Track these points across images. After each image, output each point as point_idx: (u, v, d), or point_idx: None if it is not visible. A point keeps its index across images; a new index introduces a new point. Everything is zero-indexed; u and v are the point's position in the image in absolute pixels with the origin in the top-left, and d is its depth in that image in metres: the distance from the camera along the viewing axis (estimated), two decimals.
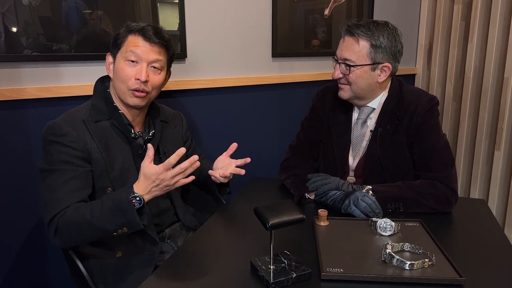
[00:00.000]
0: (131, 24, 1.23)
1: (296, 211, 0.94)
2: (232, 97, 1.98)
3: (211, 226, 1.22)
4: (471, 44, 2.34)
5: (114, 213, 1.07)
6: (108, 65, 1.26)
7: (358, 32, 1.32)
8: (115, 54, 1.23)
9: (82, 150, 1.15)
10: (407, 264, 0.93)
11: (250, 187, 1.55)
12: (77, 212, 1.09)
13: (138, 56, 1.20)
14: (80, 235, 1.11)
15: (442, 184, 1.30)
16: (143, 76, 1.19)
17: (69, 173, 1.13)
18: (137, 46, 1.20)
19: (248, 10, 1.94)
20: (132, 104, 1.22)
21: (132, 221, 1.06)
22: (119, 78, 1.21)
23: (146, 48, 1.20)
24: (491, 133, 2.31)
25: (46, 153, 1.16)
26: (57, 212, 1.09)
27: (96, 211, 1.08)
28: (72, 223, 1.08)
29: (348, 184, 1.35)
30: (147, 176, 1.07)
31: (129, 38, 1.21)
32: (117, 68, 1.22)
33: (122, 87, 1.21)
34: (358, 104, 1.45)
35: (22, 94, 1.42)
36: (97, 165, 1.18)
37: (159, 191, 1.09)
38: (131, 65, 1.20)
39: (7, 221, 1.48)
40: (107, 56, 1.26)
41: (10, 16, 1.37)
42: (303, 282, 0.92)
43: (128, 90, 1.21)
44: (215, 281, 0.94)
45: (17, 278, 1.54)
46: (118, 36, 1.23)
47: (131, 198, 1.06)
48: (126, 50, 1.20)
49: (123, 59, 1.21)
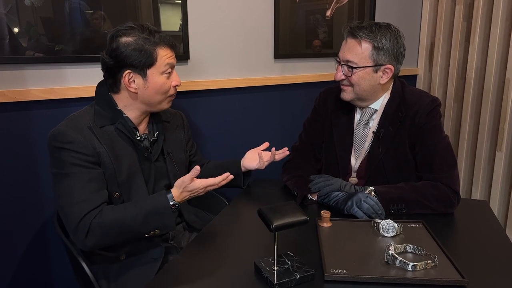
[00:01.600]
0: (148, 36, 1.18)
1: (300, 213, 0.95)
2: (234, 98, 1.98)
3: (214, 227, 1.23)
4: (473, 45, 2.34)
5: (153, 217, 1.13)
6: (130, 83, 1.20)
7: (361, 34, 1.33)
8: (145, 70, 1.19)
9: (92, 155, 1.15)
10: (410, 265, 0.94)
11: (253, 188, 1.55)
12: (115, 215, 1.12)
13: (173, 66, 1.26)
14: (113, 237, 1.14)
15: (444, 185, 1.31)
16: (180, 81, 1.28)
17: (86, 176, 1.13)
18: (171, 57, 1.24)
19: (250, 12, 1.94)
20: (166, 108, 1.31)
21: (168, 225, 1.15)
22: (160, 92, 1.24)
23: (174, 55, 1.26)
24: (492, 134, 2.31)
25: (55, 159, 1.15)
26: (84, 214, 1.10)
27: (133, 214, 1.13)
28: (108, 225, 1.11)
29: (350, 185, 1.36)
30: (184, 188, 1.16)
31: (159, 52, 1.20)
32: (154, 83, 1.21)
33: (161, 98, 1.26)
34: (361, 106, 1.46)
35: (26, 96, 1.43)
36: (106, 169, 1.18)
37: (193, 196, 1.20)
38: (168, 77, 1.25)
39: (12, 221, 1.49)
40: (127, 73, 1.19)
41: (12, 17, 1.38)
42: (306, 283, 0.93)
43: (166, 98, 1.27)
44: (219, 282, 0.94)
45: (21, 279, 1.55)
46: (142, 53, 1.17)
47: (171, 204, 1.15)
48: (163, 64, 1.21)
49: (160, 73, 1.22)
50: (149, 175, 1.29)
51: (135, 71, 1.19)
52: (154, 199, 1.16)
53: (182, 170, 1.39)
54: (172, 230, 1.19)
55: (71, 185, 1.12)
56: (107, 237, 1.13)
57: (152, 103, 1.25)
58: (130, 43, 1.17)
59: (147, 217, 1.12)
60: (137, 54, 1.17)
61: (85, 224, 1.09)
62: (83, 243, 1.11)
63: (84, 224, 1.09)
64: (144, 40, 1.18)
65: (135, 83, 1.21)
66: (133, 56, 1.17)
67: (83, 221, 1.09)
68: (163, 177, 1.33)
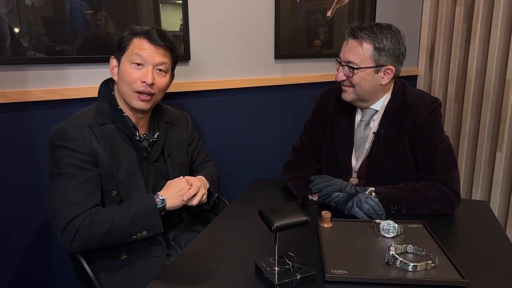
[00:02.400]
0: (135, 27, 1.23)
1: (301, 213, 0.95)
2: (235, 98, 1.99)
3: (215, 228, 1.23)
4: (473, 46, 2.35)
5: (139, 218, 1.14)
6: (112, 68, 1.26)
7: (362, 34, 1.33)
8: (119, 57, 1.24)
9: (90, 154, 1.16)
10: (410, 266, 0.94)
11: (253, 188, 1.55)
12: (100, 217, 1.11)
13: (143, 59, 1.21)
14: (101, 239, 1.13)
15: (444, 186, 1.31)
16: (149, 79, 1.20)
17: (79, 177, 1.14)
18: (143, 49, 1.20)
19: (251, 12, 1.94)
20: (137, 107, 1.24)
21: (154, 226, 1.15)
22: (125, 81, 1.21)
23: (151, 51, 1.21)
24: (493, 135, 2.31)
25: (53, 157, 1.17)
26: (74, 216, 1.10)
27: (119, 215, 1.12)
28: (95, 227, 1.10)
29: (351, 185, 1.36)
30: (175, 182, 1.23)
31: (134, 41, 1.21)
32: (122, 71, 1.22)
33: (127, 90, 1.22)
34: (361, 106, 1.46)
35: (27, 96, 1.43)
36: (103, 169, 1.19)
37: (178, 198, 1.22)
38: (136, 68, 1.21)
39: (12, 221, 1.49)
40: (111, 59, 1.27)
41: (13, 17, 1.38)
42: (307, 283, 0.93)
43: (133, 93, 1.22)
44: (220, 282, 0.94)
45: (22, 280, 1.55)
46: (122, 39, 1.24)
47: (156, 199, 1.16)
48: (132, 53, 1.21)
49: (128, 62, 1.21)
50: (149, 175, 1.29)
51: (115, 57, 1.26)
52: (141, 200, 1.17)
53: (183, 171, 1.39)
54: (159, 231, 1.18)
55: (65, 185, 1.13)
56: (94, 239, 1.12)
57: (122, 94, 1.24)
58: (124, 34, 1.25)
59: (133, 218, 1.13)
60: (118, 42, 1.25)
61: (73, 226, 1.09)
62: (69, 245, 1.11)
63: (73, 226, 1.09)
64: (131, 29, 1.23)
65: (115, 71, 1.26)
66: (116, 44, 1.25)
67: (72, 223, 1.09)
68: (163, 178, 1.33)
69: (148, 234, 1.16)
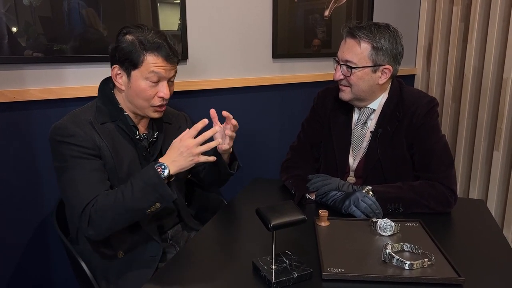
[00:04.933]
0: (145, 40, 1.17)
1: (298, 212, 0.95)
2: (233, 98, 1.99)
3: (212, 227, 1.23)
4: (470, 45, 2.36)
5: (146, 190, 1.09)
6: (115, 76, 1.22)
7: (360, 34, 1.33)
8: (129, 70, 1.19)
9: (93, 148, 1.16)
10: (407, 264, 0.95)
11: (252, 187, 1.56)
12: (108, 198, 1.11)
13: (161, 77, 1.20)
14: (114, 221, 1.12)
15: (441, 184, 1.31)
16: (167, 94, 1.22)
17: (88, 166, 1.14)
18: (160, 67, 1.18)
19: (249, 11, 1.95)
20: (154, 117, 1.26)
21: (164, 194, 1.09)
22: (141, 97, 1.21)
23: (167, 68, 1.20)
24: (490, 134, 2.32)
25: (56, 153, 1.17)
26: (87, 203, 1.10)
27: (127, 193, 1.10)
28: (104, 210, 1.10)
29: (348, 184, 1.37)
30: (173, 146, 1.13)
31: (147, 58, 1.17)
32: (136, 86, 1.20)
33: (144, 104, 1.22)
34: (359, 106, 1.46)
35: (25, 96, 1.43)
36: (106, 163, 1.19)
37: (184, 160, 1.12)
38: (153, 85, 1.20)
39: (10, 221, 1.49)
40: (114, 68, 1.22)
41: (10, 16, 1.38)
42: (304, 282, 0.93)
43: (150, 107, 1.23)
44: (217, 281, 0.95)
45: (21, 278, 1.55)
46: (131, 53, 1.17)
47: (157, 168, 1.10)
48: (148, 71, 1.17)
49: (143, 79, 1.19)
50: None
51: (121, 68, 1.21)
52: (142, 172, 1.13)
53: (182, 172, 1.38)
54: (171, 199, 1.12)
55: (74, 177, 1.13)
56: (108, 221, 1.11)
57: (136, 106, 1.24)
58: (126, 40, 1.18)
59: (140, 192, 1.09)
60: (126, 52, 1.18)
61: (86, 213, 1.10)
62: (87, 232, 1.12)
63: (85, 213, 1.10)
64: (140, 41, 1.17)
65: (122, 80, 1.23)
66: (122, 53, 1.18)
67: (85, 210, 1.10)
68: None
69: (162, 205, 1.12)
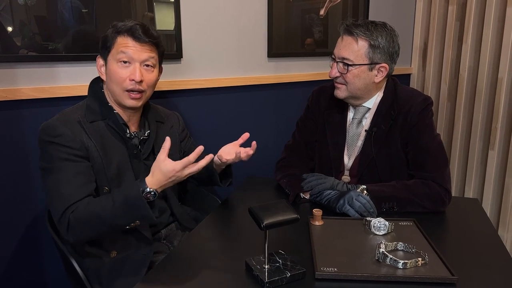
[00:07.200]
0: (118, 24, 1.21)
1: (291, 211, 0.95)
2: (228, 97, 1.98)
3: (206, 226, 1.23)
4: (466, 45, 2.36)
5: (127, 209, 1.08)
6: (100, 68, 1.25)
7: (357, 31, 1.33)
8: (105, 56, 1.22)
9: (80, 149, 1.16)
10: (401, 263, 0.94)
11: (246, 186, 1.55)
12: (88, 209, 1.10)
13: (130, 57, 1.19)
14: (93, 231, 1.12)
15: (435, 183, 1.31)
16: (137, 76, 1.19)
17: (73, 169, 1.14)
18: (128, 46, 1.19)
19: (244, 10, 1.94)
20: (129, 105, 1.23)
21: (145, 215, 1.09)
22: (113, 80, 1.21)
23: (136, 48, 1.19)
24: (485, 133, 2.33)
25: (44, 153, 1.16)
26: (66, 207, 1.10)
27: (107, 207, 1.09)
28: (84, 219, 1.10)
29: (343, 183, 1.36)
30: (164, 173, 1.09)
31: (118, 40, 1.20)
32: (109, 70, 1.21)
33: (117, 89, 1.21)
34: (354, 104, 1.46)
35: (17, 95, 1.42)
36: (94, 163, 1.18)
37: (172, 183, 1.13)
38: (124, 66, 1.20)
39: (3, 220, 1.48)
40: (98, 58, 1.25)
41: (5, 15, 1.37)
42: (297, 281, 0.93)
43: (123, 92, 1.21)
44: (210, 280, 0.94)
45: (13, 278, 1.53)
46: (106, 38, 1.21)
47: (145, 193, 1.08)
48: (117, 52, 1.19)
49: (115, 61, 1.20)
50: (139, 173, 1.28)
51: (102, 57, 1.24)
52: (126, 189, 1.11)
53: None
54: (152, 221, 1.11)
55: (58, 179, 1.13)
56: (87, 231, 1.12)
57: (112, 94, 1.23)
58: (107, 32, 1.22)
59: (121, 209, 1.08)
60: (103, 41, 1.22)
61: (65, 217, 1.10)
62: (66, 237, 1.13)
63: (65, 217, 1.10)
64: (114, 26, 1.21)
65: (103, 70, 1.24)
66: (101, 42, 1.23)
67: (65, 215, 1.10)
68: None
69: (141, 224, 1.14)
